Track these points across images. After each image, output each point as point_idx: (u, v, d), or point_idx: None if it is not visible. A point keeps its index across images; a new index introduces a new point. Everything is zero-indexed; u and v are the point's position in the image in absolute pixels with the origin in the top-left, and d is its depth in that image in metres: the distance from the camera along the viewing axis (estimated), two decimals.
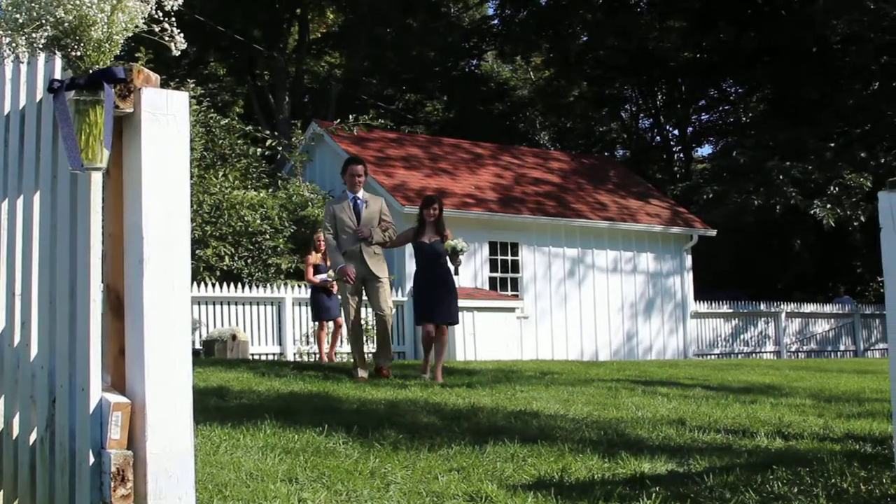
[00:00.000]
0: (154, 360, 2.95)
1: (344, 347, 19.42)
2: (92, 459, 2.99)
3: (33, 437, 3.39)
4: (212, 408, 7.24)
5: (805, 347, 27.24)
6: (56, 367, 3.22)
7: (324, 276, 16.03)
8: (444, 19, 41.88)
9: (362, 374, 11.25)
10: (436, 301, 11.46)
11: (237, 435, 5.79)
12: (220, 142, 21.20)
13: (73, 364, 3.11)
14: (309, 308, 19.37)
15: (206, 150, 20.58)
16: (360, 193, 11.53)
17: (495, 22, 42.29)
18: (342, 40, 40.72)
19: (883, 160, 28.13)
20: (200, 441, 5.39)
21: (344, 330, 17.23)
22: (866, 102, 30.09)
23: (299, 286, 19.48)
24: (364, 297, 11.62)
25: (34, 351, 3.41)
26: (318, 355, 17.21)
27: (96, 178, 3.05)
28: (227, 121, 21.92)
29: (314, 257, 16.39)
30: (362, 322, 12.06)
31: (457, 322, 11.92)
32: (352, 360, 12.17)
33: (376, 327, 11.69)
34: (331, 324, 16.67)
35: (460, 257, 11.53)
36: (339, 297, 12.58)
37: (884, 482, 4.67)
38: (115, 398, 2.99)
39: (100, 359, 3.04)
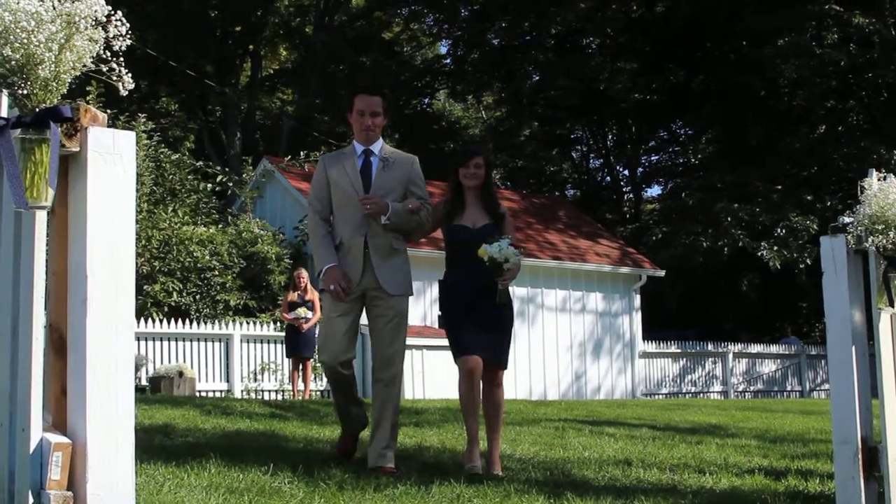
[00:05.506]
0: (96, 400, 2.93)
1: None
2: (31, 501, 2.96)
3: None
4: (157, 446, 7.18)
5: (752, 388, 27.43)
6: None
7: (297, 311, 15.90)
8: (397, 58, 42.07)
9: (344, 445, 6.94)
10: (482, 327, 6.68)
11: (181, 474, 5.73)
12: (171, 177, 21.10)
13: (14, 403, 3.08)
14: (255, 345, 19.37)
15: (155, 185, 20.48)
16: (378, 146, 6.81)
17: (448, 61, 42.53)
18: (294, 77, 40.75)
19: (829, 203, 28.50)
20: (144, 480, 5.34)
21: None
22: (813, 146, 30.53)
23: (248, 323, 19.40)
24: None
25: None
26: (292, 393, 17.04)
27: (41, 217, 3.04)
28: (177, 156, 21.85)
29: (291, 295, 16.21)
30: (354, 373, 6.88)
31: (505, 366, 6.88)
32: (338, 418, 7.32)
33: (374, 387, 6.74)
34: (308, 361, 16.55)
35: (507, 275, 6.64)
36: (324, 324, 7.03)
37: None
38: (55, 438, 2.97)
39: (41, 398, 3.02)
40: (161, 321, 18.46)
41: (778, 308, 34.69)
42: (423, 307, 21.53)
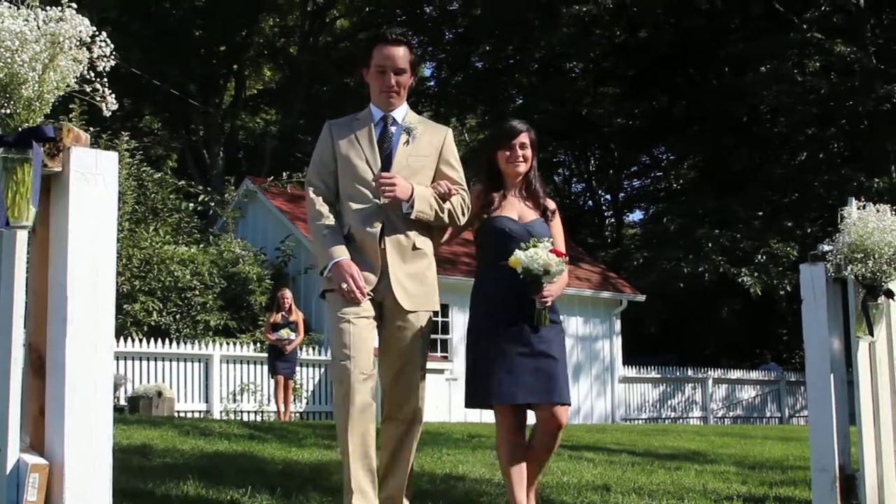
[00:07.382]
0: (74, 421, 2.92)
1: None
2: None
3: None
4: (134, 467, 7.14)
5: (731, 413, 27.48)
6: None
7: (280, 332, 15.92)
8: None
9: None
10: (528, 353, 4.95)
11: (159, 495, 5.70)
12: (153, 196, 21.06)
13: None
14: (235, 365, 19.33)
15: (137, 203, 20.43)
16: (401, 112, 5.21)
17: (432, 83, 42.60)
18: (278, 97, 40.78)
19: (809, 230, 28.63)
20: (121, 501, 5.31)
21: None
22: (794, 173, 30.70)
23: (227, 343, 19.34)
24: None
25: None
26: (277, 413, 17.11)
27: (21, 236, 3.03)
28: (160, 175, 21.79)
29: (275, 316, 16.26)
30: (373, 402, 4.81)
31: (568, 401, 5.04)
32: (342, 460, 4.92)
33: (385, 428, 5.02)
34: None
35: (547, 290, 4.94)
36: (334, 342, 4.91)
37: None
38: (32, 459, 2.95)
39: (19, 419, 3.00)
40: (140, 341, 18.38)
41: (758, 334, 34.77)
42: None
